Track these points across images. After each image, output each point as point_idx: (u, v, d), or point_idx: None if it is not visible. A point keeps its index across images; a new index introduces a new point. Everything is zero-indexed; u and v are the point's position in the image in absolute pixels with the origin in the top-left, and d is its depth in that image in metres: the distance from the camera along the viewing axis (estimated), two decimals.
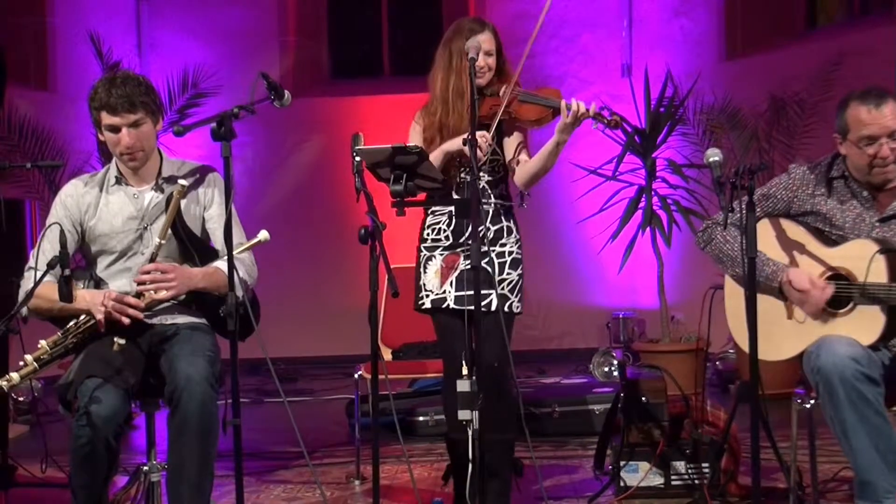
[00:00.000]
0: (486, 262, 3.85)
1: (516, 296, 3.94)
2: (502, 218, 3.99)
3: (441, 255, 3.98)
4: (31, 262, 3.63)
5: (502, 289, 3.90)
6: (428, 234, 4.03)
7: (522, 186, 3.97)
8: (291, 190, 9.85)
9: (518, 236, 4.02)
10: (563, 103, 3.76)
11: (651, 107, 7.25)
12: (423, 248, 4.03)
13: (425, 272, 3.99)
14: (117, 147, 3.69)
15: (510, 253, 3.97)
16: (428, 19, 10.25)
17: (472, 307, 3.50)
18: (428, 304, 3.96)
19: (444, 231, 3.98)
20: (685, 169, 7.25)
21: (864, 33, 8.10)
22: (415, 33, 10.26)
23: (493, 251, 3.94)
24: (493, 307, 3.83)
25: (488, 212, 3.96)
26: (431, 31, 9.87)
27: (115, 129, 3.65)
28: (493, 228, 3.96)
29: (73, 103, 8.65)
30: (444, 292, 3.93)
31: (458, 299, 3.89)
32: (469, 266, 3.81)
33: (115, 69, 7.69)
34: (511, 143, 4.00)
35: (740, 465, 4.32)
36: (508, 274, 3.94)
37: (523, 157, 3.97)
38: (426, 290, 3.97)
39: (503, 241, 3.97)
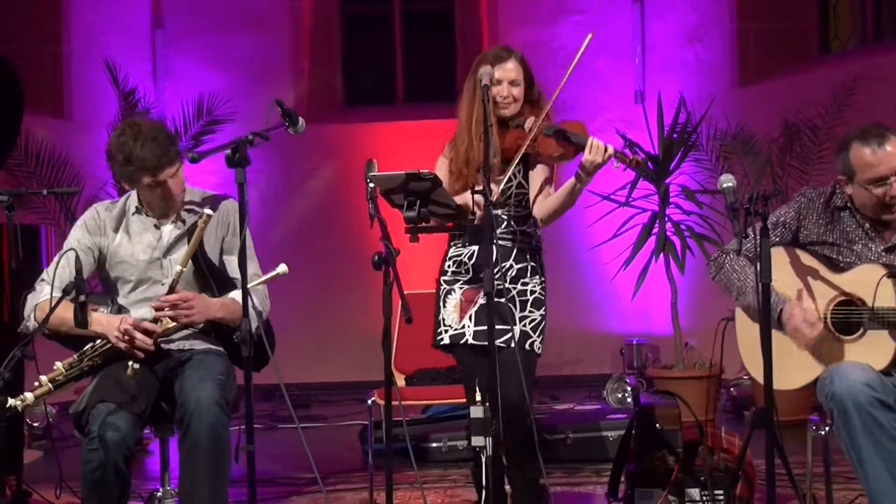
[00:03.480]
0: (506, 300, 3.80)
1: (538, 336, 3.86)
2: (527, 257, 3.92)
3: (461, 288, 3.92)
4: (44, 276, 3.66)
5: (524, 326, 3.84)
6: (449, 267, 3.96)
7: (541, 221, 3.91)
8: (305, 216, 9.86)
9: (543, 278, 3.94)
10: (590, 140, 3.67)
11: (664, 133, 7.25)
12: (442, 282, 3.96)
13: (444, 306, 3.91)
14: (163, 200, 3.71)
15: (532, 292, 3.89)
16: (442, 47, 10.27)
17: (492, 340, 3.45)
18: (447, 341, 3.89)
19: (466, 264, 3.92)
20: (699, 195, 7.23)
21: (877, 59, 8.10)
22: (429, 61, 10.28)
23: (515, 289, 3.87)
24: (513, 344, 3.70)
25: (511, 248, 3.89)
26: (445, 58, 9.94)
27: (160, 185, 3.66)
28: (516, 266, 3.89)
29: (88, 130, 8.70)
30: (463, 327, 3.86)
31: (476, 334, 3.81)
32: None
33: (130, 97, 7.77)
34: (537, 176, 3.92)
35: (755, 493, 4.29)
36: (531, 312, 3.86)
37: (547, 191, 3.90)
38: (445, 326, 3.90)
39: (525, 279, 3.89)
